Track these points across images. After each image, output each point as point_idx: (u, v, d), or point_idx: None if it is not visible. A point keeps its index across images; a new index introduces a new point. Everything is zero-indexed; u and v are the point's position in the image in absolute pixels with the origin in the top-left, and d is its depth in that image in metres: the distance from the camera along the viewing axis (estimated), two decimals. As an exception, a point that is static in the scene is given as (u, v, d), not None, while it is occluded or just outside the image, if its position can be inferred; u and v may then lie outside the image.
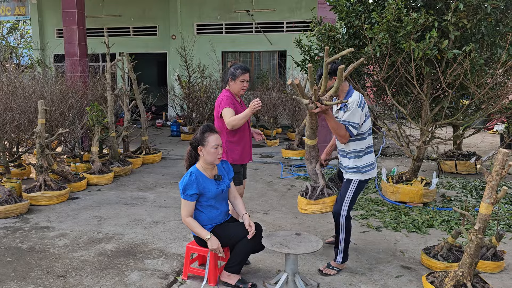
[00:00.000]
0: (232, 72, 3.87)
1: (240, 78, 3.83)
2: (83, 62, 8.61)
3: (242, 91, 3.88)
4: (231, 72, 3.88)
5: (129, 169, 7.18)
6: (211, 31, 13.85)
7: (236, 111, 3.79)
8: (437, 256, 3.65)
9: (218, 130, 3.36)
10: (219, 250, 3.20)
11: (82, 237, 4.36)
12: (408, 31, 4.32)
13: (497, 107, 4.73)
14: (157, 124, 13.59)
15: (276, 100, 10.58)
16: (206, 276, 3.32)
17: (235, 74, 3.85)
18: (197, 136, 3.31)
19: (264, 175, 7.17)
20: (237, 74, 3.84)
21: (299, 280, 3.08)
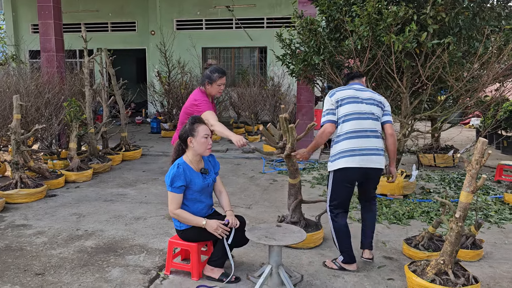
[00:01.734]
0: (209, 76, 3.90)
1: (218, 82, 3.91)
2: (60, 57, 8.40)
3: (219, 94, 4.03)
4: (208, 75, 3.91)
5: (109, 165, 7.05)
6: (191, 27, 13.72)
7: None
8: (418, 246, 3.70)
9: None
10: (221, 228, 3.20)
11: (60, 234, 4.26)
12: (388, 23, 4.35)
13: (473, 100, 4.81)
14: (136, 121, 13.40)
15: (257, 96, 10.56)
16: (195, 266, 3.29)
17: (212, 78, 3.89)
18: (186, 127, 3.28)
19: (246, 170, 7.15)
20: (214, 78, 3.88)
21: (283, 272, 3.07)
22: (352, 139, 3.33)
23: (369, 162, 3.32)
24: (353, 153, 3.31)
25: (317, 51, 5.20)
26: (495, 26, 4.76)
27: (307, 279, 3.33)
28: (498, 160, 7.77)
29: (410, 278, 3.05)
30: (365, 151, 3.31)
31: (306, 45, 5.32)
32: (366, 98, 3.44)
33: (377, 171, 3.39)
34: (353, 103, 3.39)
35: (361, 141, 3.33)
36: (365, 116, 3.37)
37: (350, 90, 3.47)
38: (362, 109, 3.37)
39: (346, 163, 3.31)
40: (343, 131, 3.37)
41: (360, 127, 3.34)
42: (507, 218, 4.73)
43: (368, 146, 3.33)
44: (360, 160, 3.30)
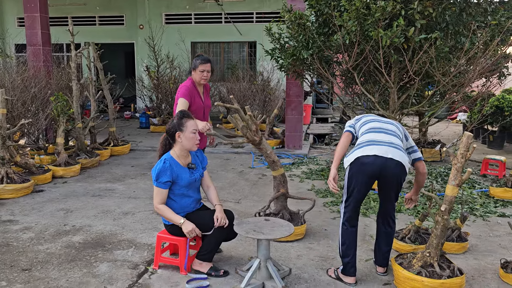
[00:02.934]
0: (193, 63, 4.12)
1: (200, 68, 4.04)
2: (47, 51, 8.28)
3: (203, 81, 4.11)
4: (193, 62, 4.14)
5: (97, 160, 7.00)
6: (180, 21, 13.61)
7: (192, 101, 4.03)
8: (405, 239, 3.74)
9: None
10: (195, 231, 3.18)
11: (47, 230, 4.22)
12: (376, 18, 4.37)
13: (460, 95, 4.87)
14: (125, 116, 13.29)
15: (247, 91, 10.55)
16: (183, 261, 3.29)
17: (195, 64, 4.08)
18: (174, 122, 3.27)
19: (235, 165, 7.15)
20: (197, 64, 4.06)
21: (271, 265, 3.09)
22: (372, 133, 3.17)
23: (388, 153, 3.03)
24: (372, 143, 3.08)
25: (306, 46, 5.21)
26: (481, 21, 4.81)
27: (295, 272, 3.36)
28: (484, 155, 7.87)
29: (397, 271, 3.09)
30: (384, 143, 3.08)
31: (295, 39, 5.33)
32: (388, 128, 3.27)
33: (397, 166, 3.03)
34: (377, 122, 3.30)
35: (382, 136, 3.14)
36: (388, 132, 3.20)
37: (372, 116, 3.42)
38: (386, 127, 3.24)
39: (363, 151, 3.06)
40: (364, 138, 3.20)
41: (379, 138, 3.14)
42: (492, 211, 4.80)
43: (389, 140, 3.10)
44: (379, 149, 3.03)
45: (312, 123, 12.04)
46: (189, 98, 4.00)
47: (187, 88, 4.03)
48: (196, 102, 4.11)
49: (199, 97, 4.16)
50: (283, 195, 4.04)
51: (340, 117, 12.34)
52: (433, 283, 2.91)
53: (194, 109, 4.04)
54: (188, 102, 4.00)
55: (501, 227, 4.36)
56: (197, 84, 4.14)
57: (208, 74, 4.10)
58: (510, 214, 4.72)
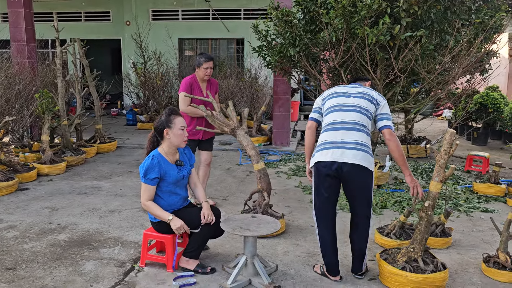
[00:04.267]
0: (197, 60, 4.50)
1: (204, 65, 4.45)
2: (31, 47, 8.16)
3: (206, 77, 4.51)
4: (197, 60, 4.51)
5: (83, 158, 6.93)
6: (167, 17, 13.52)
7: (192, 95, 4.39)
8: (390, 235, 3.79)
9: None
10: (183, 228, 3.18)
11: (32, 228, 4.18)
12: (363, 16, 4.40)
13: (445, 92, 4.93)
14: (112, 113, 13.17)
15: (234, 88, 10.53)
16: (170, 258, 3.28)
17: (200, 62, 4.47)
18: (162, 119, 3.26)
19: (222, 162, 7.15)
20: (201, 62, 4.46)
21: (258, 262, 3.10)
22: (330, 131, 3.06)
23: (343, 157, 2.94)
24: (328, 146, 3.02)
25: (292, 43, 5.22)
26: (465, 19, 4.88)
27: (282, 269, 3.38)
28: (468, 151, 7.99)
29: (382, 266, 3.14)
30: (340, 144, 2.98)
31: (281, 36, 5.34)
32: (355, 92, 3.14)
33: (355, 169, 2.95)
34: (339, 97, 3.15)
35: (339, 133, 3.02)
36: (349, 108, 3.06)
37: (340, 87, 3.26)
38: (347, 102, 3.09)
39: (320, 156, 3.03)
40: (324, 123, 3.15)
41: (341, 119, 3.05)
42: (475, 207, 4.88)
43: (346, 139, 2.98)
44: (334, 153, 2.96)
45: (299, 120, 12.09)
46: (188, 91, 4.43)
47: (186, 83, 4.48)
48: (197, 94, 4.49)
49: (199, 91, 4.54)
50: (260, 192, 4.06)
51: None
52: (417, 278, 2.96)
53: (194, 103, 4.41)
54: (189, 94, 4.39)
55: (484, 222, 4.44)
56: (200, 80, 4.55)
57: (211, 71, 4.52)
58: (493, 209, 4.81)
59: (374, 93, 3.17)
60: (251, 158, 4.09)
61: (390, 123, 3.12)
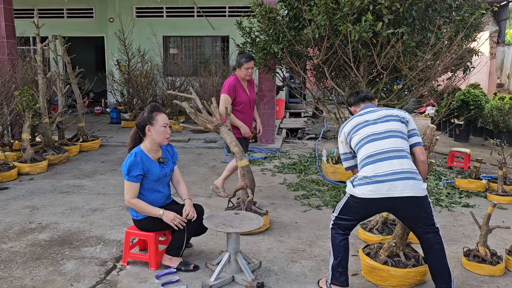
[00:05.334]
0: (238, 60, 4.60)
1: (245, 66, 4.55)
2: (11, 44, 7.99)
3: (248, 76, 4.63)
4: (237, 60, 4.62)
5: (65, 156, 6.82)
6: (151, 14, 13.38)
7: (237, 96, 4.57)
8: (373, 230, 3.82)
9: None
10: (178, 218, 3.16)
11: (12, 228, 4.10)
12: (345, 13, 4.42)
13: (426, 89, 4.98)
14: (95, 111, 12.99)
15: (219, 86, 10.48)
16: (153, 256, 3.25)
17: (240, 62, 4.57)
18: (144, 116, 3.22)
19: (207, 160, 7.11)
20: (241, 62, 4.56)
21: (241, 258, 3.10)
22: (370, 164, 2.74)
23: (394, 191, 2.64)
24: (374, 180, 2.69)
25: (276, 40, 5.22)
26: (446, 17, 4.93)
27: (265, 265, 3.38)
28: (451, 147, 8.10)
29: (364, 261, 3.16)
30: (387, 175, 2.66)
31: (265, 33, 5.33)
32: (379, 117, 2.91)
33: (410, 202, 2.66)
34: (365, 127, 2.89)
35: (383, 165, 2.70)
36: (384, 135, 2.80)
37: (356, 118, 3.00)
38: (379, 129, 2.83)
39: (364, 192, 2.70)
40: (361, 157, 2.83)
41: (378, 149, 2.76)
42: (457, 202, 4.95)
43: (393, 170, 2.68)
44: (382, 188, 2.65)
45: (285, 117, 12.10)
46: (232, 93, 4.54)
47: (230, 85, 4.55)
48: (242, 96, 4.62)
49: (244, 91, 4.65)
50: (243, 189, 4.05)
51: (313, 112, 12.44)
52: (398, 272, 2.99)
53: (240, 103, 4.61)
54: (231, 97, 4.54)
55: (465, 217, 4.51)
56: (241, 79, 4.64)
57: (252, 71, 4.62)
58: (474, 204, 4.88)
59: (397, 111, 2.95)
60: (234, 155, 4.08)
61: (420, 139, 2.93)
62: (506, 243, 3.82)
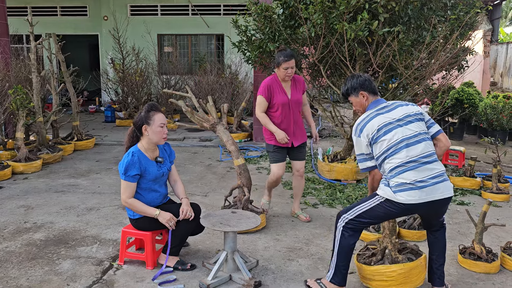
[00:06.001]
0: (276, 59, 4.00)
1: (283, 65, 3.93)
2: (4, 42, 7.93)
3: (287, 77, 4.01)
4: (276, 59, 4.02)
5: (60, 155, 6.78)
6: (145, 12, 13.33)
7: (272, 98, 4.03)
8: (369, 228, 3.83)
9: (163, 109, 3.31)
10: (174, 219, 3.15)
11: (7, 227, 4.07)
12: (341, 11, 4.42)
13: (422, 87, 5.00)
14: (90, 110, 12.93)
15: (215, 84, 10.47)
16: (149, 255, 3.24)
17: (279, 62, 3.96)
18: (141, 115, 3.21)
19: (203, 159, 7.10)
20: (280, 61, 3.95)
21: (238, 257, 3.10)
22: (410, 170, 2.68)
23: (435, 194, 2.67)
24: (413, 185, 2.65)
25: (272, 38, 5.21)
26: (441, 16, 4.95)
27: (262, 264, 3.38)
28: (445, 146, 8.15)
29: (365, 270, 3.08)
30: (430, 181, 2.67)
31: (261, 32, 5.33)
32: (401, 117, 2.79)
33: (447, 200, 2.75)
34: (392, 131, 2.74)
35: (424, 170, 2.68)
36: (414, 140, 2.73)
37: (378, 117, 2.80)
38: (407, 133, 2.74)
39: (404, 197, 2.65)
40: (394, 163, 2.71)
41: (415, 155, 2.70)
42: (452, 200, 4.97)
43: (433, 174, 2.69)
44: (423, 194, 2.65)
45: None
46: (267, 94, 4.01)
47: (265, 85, 4.03)
48: (278, 98, 4.02)
49: (282, 92, 4.06)
50: (240, 187, 4.05)
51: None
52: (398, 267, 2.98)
53: (277, 105, 4.04)
54: (266, 98, 4.01)
55: (460, 214, 4.54)
56: (282, 80, 4.06)
57: (292, 71, 3.97)
58: (469, 202, 4.92)
59: (412, 107, 2.87)
60: (231, 154, 4.08)
61: (438, 126, 2.92)
62: (501, 241, 3.85)
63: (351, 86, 2.95)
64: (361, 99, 2.94)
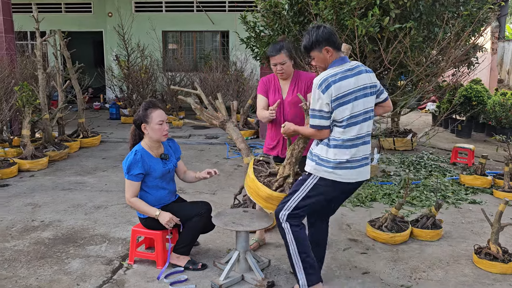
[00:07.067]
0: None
1: (271, 61, 3.36)
2: (9, 39, 7.88)
3: (280, 75, 3.38)
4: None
5: (66, 153, 6.74)
6: (150, 9, 13.27)
7: (268, 96, 3.46)
8: (382, 227, 3.77)
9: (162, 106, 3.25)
10: (173, 220, 3.10)
11: (14, 226, 4.03)
12: (352, 7, 4.35)
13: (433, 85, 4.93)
14: (94, 107, 12.90)
15: (220, 81, 10.41)
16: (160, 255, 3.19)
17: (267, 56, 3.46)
18: (139, 113, 3.14)
19: (210, 156, 7.05)
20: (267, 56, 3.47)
21: (250, 257, 3.04)
22: (353, 147, 2.58)
23: (364, 174, 2.66)
24: (352, 165, 2.59)
25: (281, 34, 5.14)
26: (453, 11, 4.87)
27: (274, 264, 3.33)
28: (453, 143, 8.07)
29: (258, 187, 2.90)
30: (362, 161, 2.62)
31: (270, 28, 5.26)
32: (363, 86, 2.60)
33: (360, 184, 2.74)
34: (355, 101, 2.57)
35: (361, 149, 2.61)
36: (367, 116, 2.63)
37: (346, 80, 2.56)
38: (363, 107, 2.60)
39: (342, 176, 2.58)
40: (346, 137, 2.57)
41: (361, 132, 2.60)
42: (463, 199, 4.91)
43: (365, 155, 2.65)
44: (357, 173, 2.61)
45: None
46: (263, 91, 3.48)
47: (261, 82, 3.53)
48: (271, 98, 3.44)
49: (276, 91, 3.43)
50: None
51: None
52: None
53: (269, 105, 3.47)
54: (264, 95, 3.47)
55: (473, 213, 4.47)
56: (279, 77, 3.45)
57: (284, 67, 3.28)
58: (480, 200, 4.84)
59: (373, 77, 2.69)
60: (241, 152, 4.02)
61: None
62: (515, 241, 3.79)
63: (316, 39, 2.57)
64: (324, 54, 2.60)
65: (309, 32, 2.62)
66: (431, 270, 3.27)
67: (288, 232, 2.70)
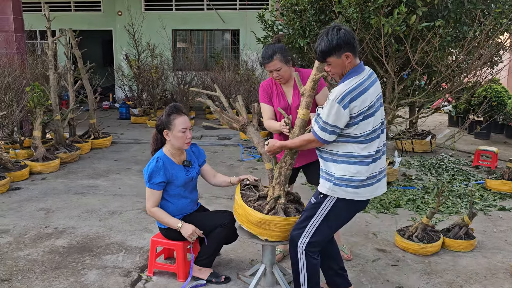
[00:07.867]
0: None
1: (266, 68, 3.09)
2: (20, 38, 7.76)
3: (278, 81, 3.12)
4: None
5: (77, 154, 6.60)
6: (160, 7, 13.12)
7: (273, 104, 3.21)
8: (412, 238, 3.58)
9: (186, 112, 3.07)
10: (196, 233, 2.93)
11: (27, 233, 3.88)
12: (379, 5, 4.14)
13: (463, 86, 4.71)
14: (104, 107, 12.78)
15: (231, 81, 10.23)
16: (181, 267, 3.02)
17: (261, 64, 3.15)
18: (162, 118, 2.97)
19: (224, 158, 6.88)
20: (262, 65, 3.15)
21: (277, 271, 2.87)
22: (373, 163, 2.37)
23: (381, 189, 2.48)
24: (371, 181, 2.39)
25: (302, 34, 4.95)
26: (483, 9, 4.65)
27: (301, 277, 3.14)
28: (472, 145, 7.84)
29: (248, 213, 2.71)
30: (380, 175, 2.44)
31: (290, 27, 5.06)
32: (379, 95, 2.39)
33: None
34: (378, 111, 2.36)
35: (378, 164, 2.41)
36: (383, 126, 2.43)
37: (369, 90, 2.31)
38: (382, 116, 2.42)
39: (360, 194, 2.37)
40: (367, 152, 2.34)
41: (380, 145, 2.40)
42: (492, 205, 4.70)
43: (382, 167, 2.46)
44: (375, 189, 2.42)
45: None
46: (265, 98, 3.22)
47: (262, 89, 3.24)
48: (276, 103, 3.18)
49: (280, 96, 3.18)
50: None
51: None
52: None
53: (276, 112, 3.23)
54: (268, 103, 3.21)
55: (504, 221, 4.26)
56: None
57: (280, 73, 3.02)
58: (510, 207, 4.63)
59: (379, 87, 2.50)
60: (262, 157, 3.82)
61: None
62: (554, 252, 3.58)
63: (337, 43, 2.26)
64: (344, 61, 2.31)
65: (328, 35, 2.29)
66: (468, 285, 3.08)
67: (302, 261, 2.50)
